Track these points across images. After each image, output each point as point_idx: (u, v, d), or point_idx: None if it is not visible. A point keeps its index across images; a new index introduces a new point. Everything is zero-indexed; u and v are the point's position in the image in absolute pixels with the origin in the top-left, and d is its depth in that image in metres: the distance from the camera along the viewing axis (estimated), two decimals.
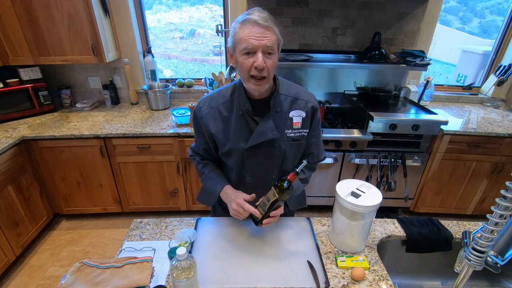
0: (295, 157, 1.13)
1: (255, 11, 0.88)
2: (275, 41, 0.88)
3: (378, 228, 1.16)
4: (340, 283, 0.93)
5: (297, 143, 1.09)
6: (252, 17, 0.85)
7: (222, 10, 2.50)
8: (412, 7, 2.34)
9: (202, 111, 1.05)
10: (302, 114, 1.05)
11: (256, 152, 1.05)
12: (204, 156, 1.18)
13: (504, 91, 2.67)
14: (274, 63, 0.91)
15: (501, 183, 2.31)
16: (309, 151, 1.15)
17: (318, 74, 2.56)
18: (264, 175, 1.11)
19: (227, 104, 1.03)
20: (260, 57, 0.87)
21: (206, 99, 1.07)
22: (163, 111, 2.46)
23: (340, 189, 1.00)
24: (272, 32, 0.87)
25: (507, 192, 0.64)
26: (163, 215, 2.48)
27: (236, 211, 1.02)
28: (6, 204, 1.87)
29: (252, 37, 0.85)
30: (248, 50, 0.87)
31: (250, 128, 1.03)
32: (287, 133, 1.06)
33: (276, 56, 0.92)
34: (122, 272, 0.94)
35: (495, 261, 0.76)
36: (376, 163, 2.23)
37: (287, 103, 1.04)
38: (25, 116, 2.29)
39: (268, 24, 0.86)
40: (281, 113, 1.03)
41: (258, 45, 0.86)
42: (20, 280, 1.93)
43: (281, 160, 1.10)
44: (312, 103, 1.07)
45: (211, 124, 1.04)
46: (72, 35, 2.09)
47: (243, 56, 0.89)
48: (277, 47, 0.91)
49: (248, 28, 0.86)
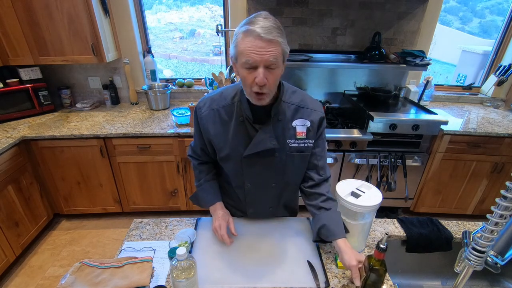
0: (299, 169, 1.08)
1: (259, 19, 0.81)
2: (280, 54, 0.82)
3: (378, 228, 1.16)
4: (340, 283, 0.93)
5: (300, 154, 1.03)
6: (255, 28, 0.78)
7: (222, 10, 2.50)
8: (412, 7, 2.34)
9: (202, 111, 1.02)
10: (307, 124, 1.00)
11: (255, 160, 1.02)
12: (201, 156, 1.14)
13: (504, 91, 2.67)
14: (277, 76, 0.86)
15: (501, 183, 2.31)
16: (313, 163, 1.07)
17: (318, 74, 2.56)
18: (264, 183, 1.09)
19: (227, 108, 0.99)
20: (261, 73, 0.81)
21: (207, 100, 1.03)
22: (163, 111, 2.46)
23: (340, 189, 1.00)
24: (276, 45, 0.80)
25: (507, 192, 0.64)
26: (163, 215, 2.48)
27: (215, 229, 1.09)
28: (6, 204, 1.87)
29: (254, 51, 0.79)
30: (249, 64, 0.81)
31: (249, 135, 0.99)
32: (289, 143, 1.01)
33: (280, 69, 0.86)
34: (122, 272, 0.94)
35: (495, 261, 0.76)
36: (376, 163, 2.23)
37: (290, 111, 0.99)
38: (25, 116, 2.29)
39: (272, 37, 0.79)
40: (283, 122, 0.98)
41: (260, 60, 0.80)
42: (20, 280, 1.93)
43: (282, 170, 1.06)
44: (319, 113, 1.01)
45: (210, 127, 1.01)
46: (72, 35, 2.09)
47: (244, 70, 0.84)
48: (282, 59, 0.85)
49: (249, 41, 0.79)
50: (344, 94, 2.62)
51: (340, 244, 0.93)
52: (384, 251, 0.77)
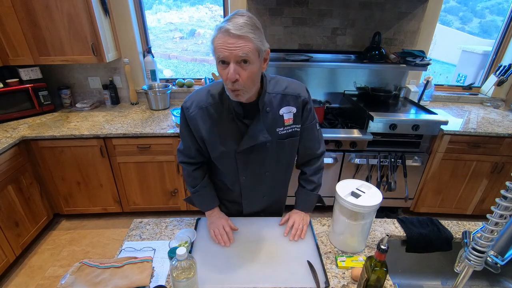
0: (290, 152, 1.12)
1: (234, 16, 0.82)
2: (252, 50, 0.82)
3: (378, 228, 1.16)
4: (340, 283, 0.93)
5: (290, 139, 1.07)
6: (227, 25, 0.80)
7: (222, 10, 2.50)
8: (412, 7, 2.34)
9: (190, 111, 1.00)
10: (293, 110, 1.03)
11: (248, 154, 1.04)
12: (196, 158, 1.12)
13: (504, 91, 2.67)
14: (251, 73, 0.85)
15: (501, 183, 2.31)
16: (301, 144, 1.13)
17: (318, 74, 2.56)
18: (258, 173, 1.12)
19: (216, 105, 0.99)
20: (231, 68, 0.82)
21: (193, 99, 1.01)
22: (163, 111, 2.46)
23: (340, 189, 1.00)
24: (246, 40, 0.80)
25: (507, 192, 0.64)
26: (163, 215, 2.48)
27: (213, 236, 1.11)
28: (6, 204, 1.87)
29: (223, 47, 0.80)
30: (220, 59, 0.83)
31: (240, 131, 1.00)
32: (278, 131, 1.03)
33: (256, 66, 0.85)
34: (122, 272, 0.94)
35: (495, 261, 0.76)
36: (376, 163, 2.23)
37: (276, 101, 1.01)
38: (25, 116, 2.29)
39: (241, 33, 0.79)
40: (271, 113, 1.01)
41: (229, 55, 0.81)
42: (20, 280, 1.93)
43: (275, 158, 1.09)
44: (302, 97, 1.03)
45: (201, 126, 1.01)
46: (72, 35, 2.08)
47: (219, 66, 0.86)
48: (258, 54, 0.84)
49: (221, 37, 0.81)
50: (344, 94, 2.62)
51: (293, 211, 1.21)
52: (385, 252, 0.77)
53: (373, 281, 0.82)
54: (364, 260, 0.88)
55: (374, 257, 0.81)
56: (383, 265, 0.80)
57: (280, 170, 1.16)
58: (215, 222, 1.13)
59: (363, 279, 0.84)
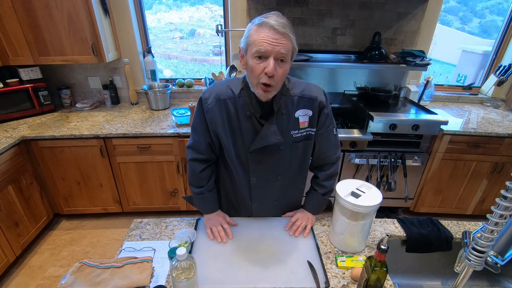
0: (304, 156, 1.10)
1: (273, 15, 0.84)
2: (290, 49, 0.85)
3: (378, 228, 1.16)
4: (340, 283, 0.93)
5: (304, 142, 1.06)
6: (270, 21, 0.82)
7: (222, 10, 2.50)
8: (412, 7, 2.34)
9: (208, 103, 0.99)
10: (309, 113, 1.01)
11: (260, 155, 1.03)
12: (205, 153, 1.09)
13: (504, 91, 2.67)
14: (285, 72, 0.87)
15: (501, 183, 2.31)
16: (316, 148, 1.11)
17: (318, 74, 2.56)
18: (269, 176, 1.10)
19: (234, 100, 0.98)
20: (271, 63, 0.83)
21: (212, 90, 1.00)
22: (163, 111, 2.46)
23: (340, 189, 1.00)
24: (288, 39, 0.83)
25: (507, 192, 0.64)
26: (163, 215, 2.48)
27: (209, 233, 1.11)
28: (6, 204, 1.87)
29: (267, 41, 0.82)
30: (260, 53, 0.83)
31: (255, 130, 1.00)
32: (293, 134, 1.02)
33: (288, 65, 0.88)
34: (122, 272, 0.94)
35: (495, 261, 0.76)
36: (376, 163, 2.23)
37: (293, 103, 1.00)
38: (25, 116, 2.29)
39: (285, 31, 0.82)
40: (287, 115, 1.00)
41: (272, 50, 0.82)
42: (20, 280, 1.93)
43: (288, 162, 1.08)
44: (319, 100, 1.02)
45: (218, 119, 0.99)
46: (72, 35, 2.08)
47: (254, 60, 0.85)
48: (291, 55, 0.87)
49: (264, 31, 0.82)
50: (344, 94, 2.62)
51: (300, 209, 1.22)
52: (385, 252, 0.77)
53: (373, 281, 0.82)
54: (364, 260, 0.88)
55: (374, 257, 0.81)
56: (383, 265, 0.80)
57: (293, 175, 1.14)
58: (213, 218, 1.13)
59: (363, 279, 0.84)
